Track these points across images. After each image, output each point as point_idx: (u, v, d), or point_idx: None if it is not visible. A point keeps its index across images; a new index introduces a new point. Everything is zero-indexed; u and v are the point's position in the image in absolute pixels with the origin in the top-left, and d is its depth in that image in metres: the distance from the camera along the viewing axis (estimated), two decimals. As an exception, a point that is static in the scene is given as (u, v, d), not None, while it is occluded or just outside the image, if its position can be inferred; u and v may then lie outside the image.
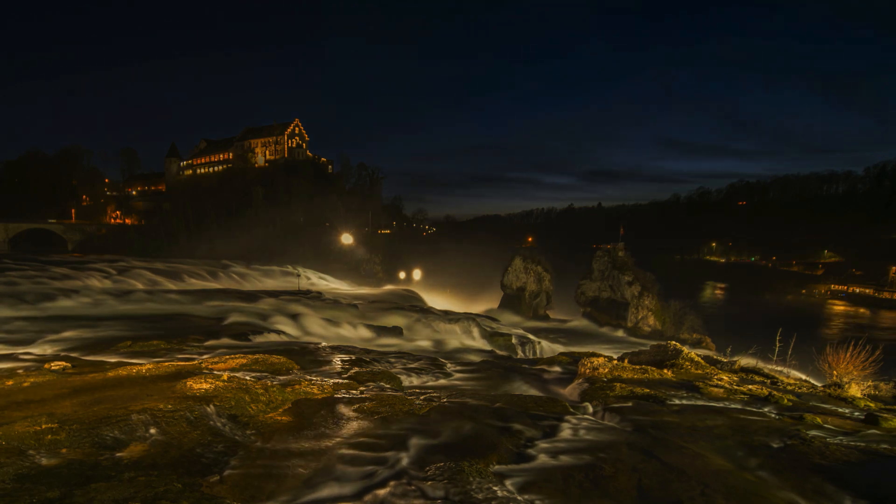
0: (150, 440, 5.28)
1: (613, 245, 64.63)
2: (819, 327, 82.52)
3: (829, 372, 12.35)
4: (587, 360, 12.09)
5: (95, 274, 40.78)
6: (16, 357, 12.32)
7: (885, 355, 12.16)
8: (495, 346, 28.95)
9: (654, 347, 14.47)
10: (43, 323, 20.72)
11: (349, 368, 11.59)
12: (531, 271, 65.46)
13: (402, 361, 13.99)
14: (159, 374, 8.38)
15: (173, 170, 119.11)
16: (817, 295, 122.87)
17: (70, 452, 4.78)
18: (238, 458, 5.20)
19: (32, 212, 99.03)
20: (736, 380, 11.46)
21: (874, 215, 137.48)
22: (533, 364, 15.32)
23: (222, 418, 6.21)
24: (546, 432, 6.73)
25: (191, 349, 14.65)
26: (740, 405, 8.79)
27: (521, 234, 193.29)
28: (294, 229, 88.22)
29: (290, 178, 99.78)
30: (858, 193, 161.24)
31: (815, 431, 7.04)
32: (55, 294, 28.72)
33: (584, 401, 9.34)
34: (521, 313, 62.34)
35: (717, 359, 15.28)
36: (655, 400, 8.89)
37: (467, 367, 14.12)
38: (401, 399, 7.82)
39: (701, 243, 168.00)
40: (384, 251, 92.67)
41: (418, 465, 5.15)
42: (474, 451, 5.65)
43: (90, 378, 8.13)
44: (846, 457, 5.95)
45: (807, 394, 10.73)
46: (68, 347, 15.74)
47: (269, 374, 9.25)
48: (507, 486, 4.74)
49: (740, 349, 16.22)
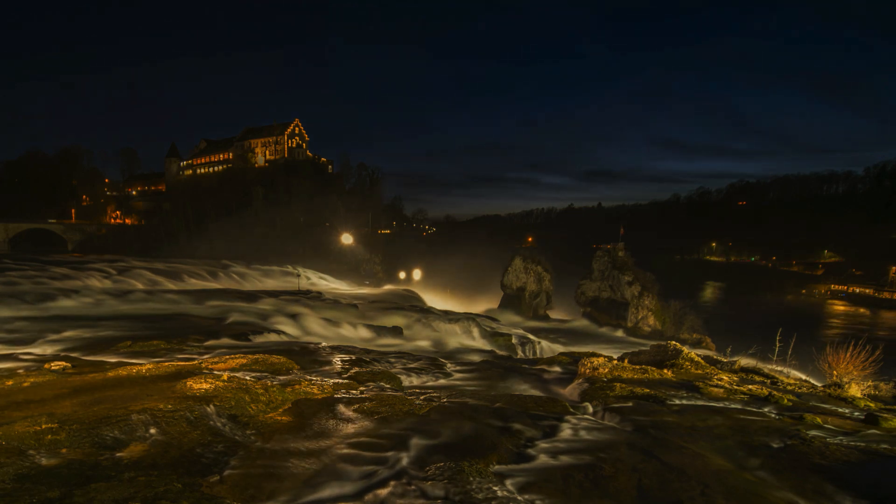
0: (150, 440, 5.28)
1: (613, 245, 64.66)
2: (819, 327, 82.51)
3: (829, 372, 12.35)
4: (587, 360, 12.09)
5: (95, 274, 40.77)
6: (16, 357, 12.33)
7: (885, 355, 12.16)
8: (495, 346, 28.96)
9: (654, 347, 14.47)
10: (43, 323, 20.72)
11: (349, 368, 11.59)
12: (531, 271, 65.50)
13: (402, 361, 13.99)
14: (159, 374, 8.38)
15: (173, 170, 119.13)
16: (817, 295, 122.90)
17: (70, 452, 4.79)
18: (238, 458, 5.20)
19: (32, 212, 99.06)
20: (736, 380, 11.45)
21: (874, 215, 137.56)
22: (533, 364, 15.32)
23: (222, 418, 6.21)
24: (546, 432, 6.73)
25: (191, 349, 14.65)
26: (740, 405, 8.79)
27: (521, 234, 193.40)
28: (294, 229, 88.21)
29: (290, 178, 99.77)
30: (858, 193, 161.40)
31: (815, 431, 7.04)
32: (55, 294, 28.72)
33: (584, 401, 9.34)
34: (521, 313, 62.39)
35: (717, 359, 15.28)
36: (655, 400, 8.89)
37: (467, 367, 14.12)
38: (401, 399, 7.82)
39: (701, 243, 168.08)
40: (384, 251, 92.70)
41: (418, 465, 5.15)
42: (474, 451, 5.65)
43: (90, 378, 8.13)
44: (846, 457, 5.95)
45: (807, 394, 10.73)
46: (68, 347, 15.74)
47: (269, 374, 9.25)
48: (508, 486, 4.74)
49: (740, 349, 16.23)
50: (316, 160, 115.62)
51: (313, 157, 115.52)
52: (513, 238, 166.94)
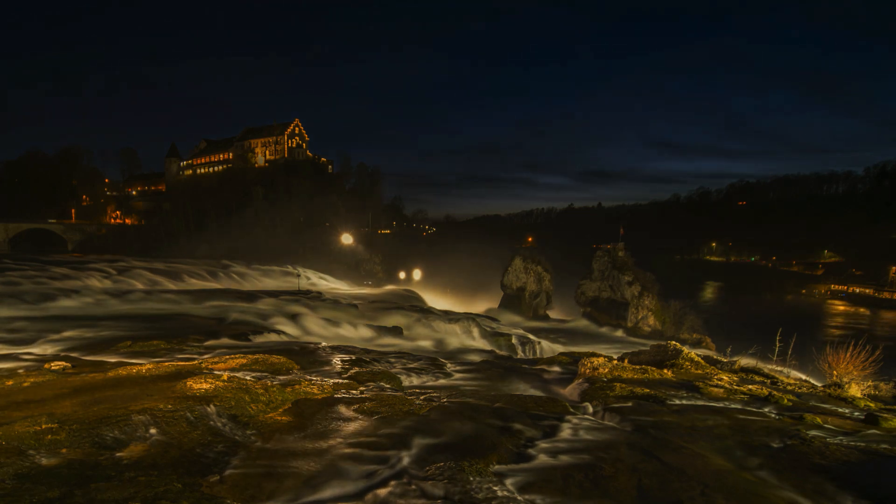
0: (151, 440, 5.28)
1: (613, 245, 64.66)
2: (819, 327, 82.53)
3: (829, 372, 12.35)
4: (587, 360, 12.09)
5: (95, 274, 40.76)
6: (16, 357, 12.33)
7: (885, 355, 12.16)
8: (495, 346, 28.97)
9: (654, 347, 14.48)
10: (43, 323, 20.72)
11: (349, 368, 11.59)
12: (531, 271, 65.51)
13: (403, 361, 13.99)
14: (159, 374, 8.38)
15: (173, 170, 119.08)
16: (817, 295, 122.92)
17: (70, 452, 4.79)
18: (238, 458, 5.20)
19: (32, 212, 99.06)
20: (736, 380, 11.46)
21: (874, 215, 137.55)
22: (533, 364, 15.32)
23: (222, 418, 6.21)
24: (546, 432, 6.73)
25: (191, 349, 14.65)
26: (740, 405, 8.80)
27: (521, 234, 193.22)
28: (294, 229, 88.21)
29: (290, 178, 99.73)
30: (858, 193, 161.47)
31: (815, 431, 7.05)
32: (55, 294, 28.71)
33: (585, 401, 9.34)
34: (521, 313, 62.37)
35: (717, 359, 15.29)
36: (655, 400, 8.89)
37: (467, 367, 14.12)
38: (401, 399, 7.82)
39: (701, 243, 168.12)
40: (384, 251, 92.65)
41: (419, 465, 5.15)
42: (474, 451, 5.65)
43: (90, 378, 8.14)
44: (846, 457, 5.95)
45: (807, 394, 10.73)
46: (68, 347, 15.74)
47: (269, 374, 9.25)
48: (508, 486, 4.74)
49: (740, 349, 16.22)
50: (316, 160, 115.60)
51: (313, 157, 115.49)
52: (513, 238, 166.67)
